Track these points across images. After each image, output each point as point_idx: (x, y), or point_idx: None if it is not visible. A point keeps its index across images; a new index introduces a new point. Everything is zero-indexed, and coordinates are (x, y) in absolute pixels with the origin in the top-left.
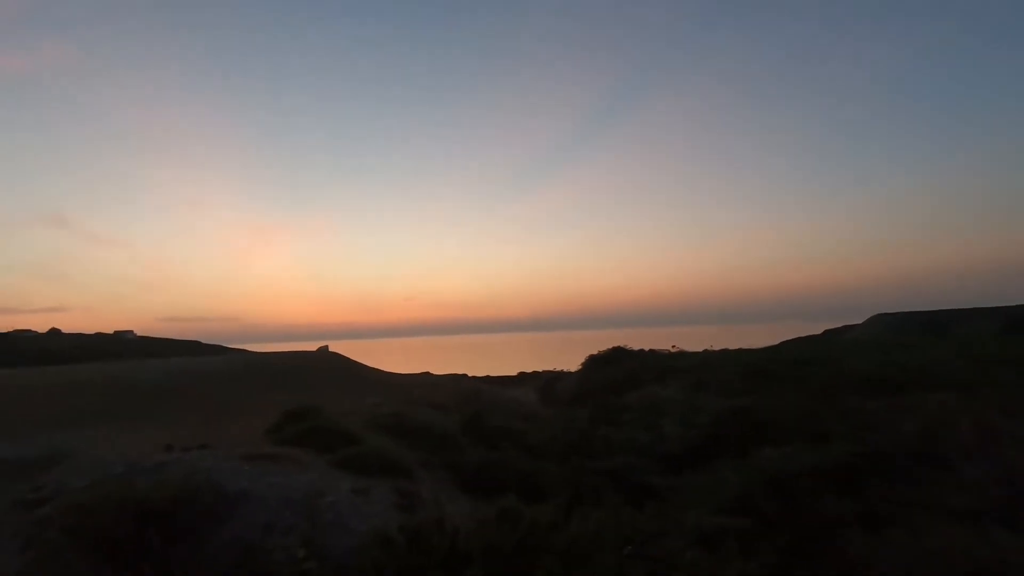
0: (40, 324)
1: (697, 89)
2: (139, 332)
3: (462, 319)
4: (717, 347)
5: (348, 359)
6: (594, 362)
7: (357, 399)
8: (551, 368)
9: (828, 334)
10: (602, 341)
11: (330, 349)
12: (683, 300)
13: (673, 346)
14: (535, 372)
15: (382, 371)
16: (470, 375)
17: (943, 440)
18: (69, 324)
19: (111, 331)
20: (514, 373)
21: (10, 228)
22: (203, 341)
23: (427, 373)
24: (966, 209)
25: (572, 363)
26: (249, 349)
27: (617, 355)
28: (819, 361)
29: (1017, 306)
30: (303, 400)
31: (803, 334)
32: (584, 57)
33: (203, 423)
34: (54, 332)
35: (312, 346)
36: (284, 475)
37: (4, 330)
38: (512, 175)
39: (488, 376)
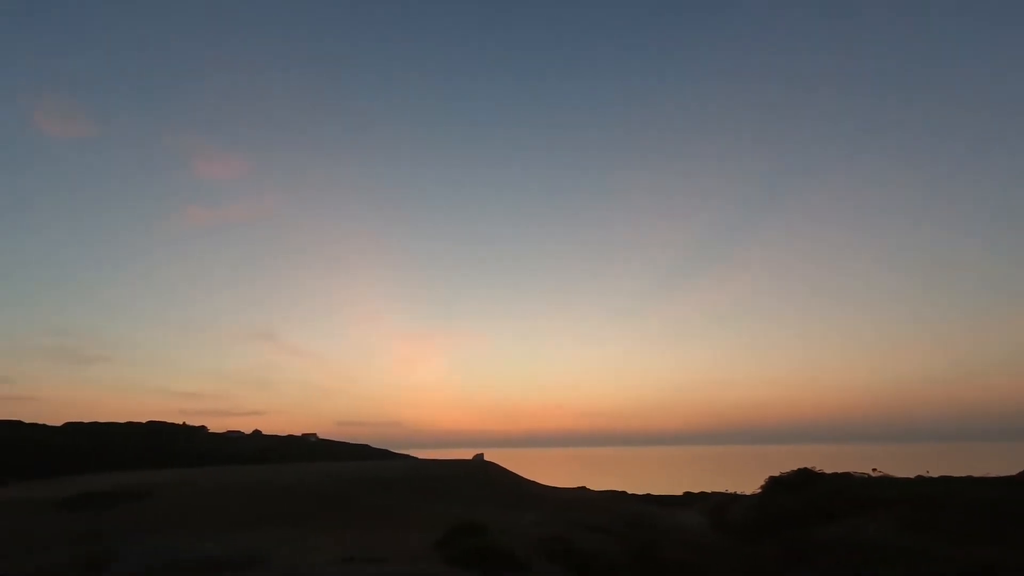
0: (246, 425)
1: (871, 168)
2: (321, 435)
3: (615, 429)
4: (935, 472)
5: (503, 469)
6: (776, 486)
7: (516, 514)
8: (720, 489)
9: None
10: (786, 458)
11: (485, 457)
12: (882, 412)
13: (874, 469)
14: (703, 493)
15: (538, 484)
16: (629, 492)
17: None
18: (269, 425)
19: (299, 433)
20: (679, 492)
21: (229, 342)
22: (371, 445)
23: (583, 488)
24: None
25: (748, 484)
26: (411, 454)
27: (804, 478)
28: None
29: None
30: (464, 513)
31: None
32: (738, 140)
33: (372, 530)
34: (256, 433)
35: (467, 453)
36: None
37: (218, 431)
38: (662, 275)
39: (649, 495)
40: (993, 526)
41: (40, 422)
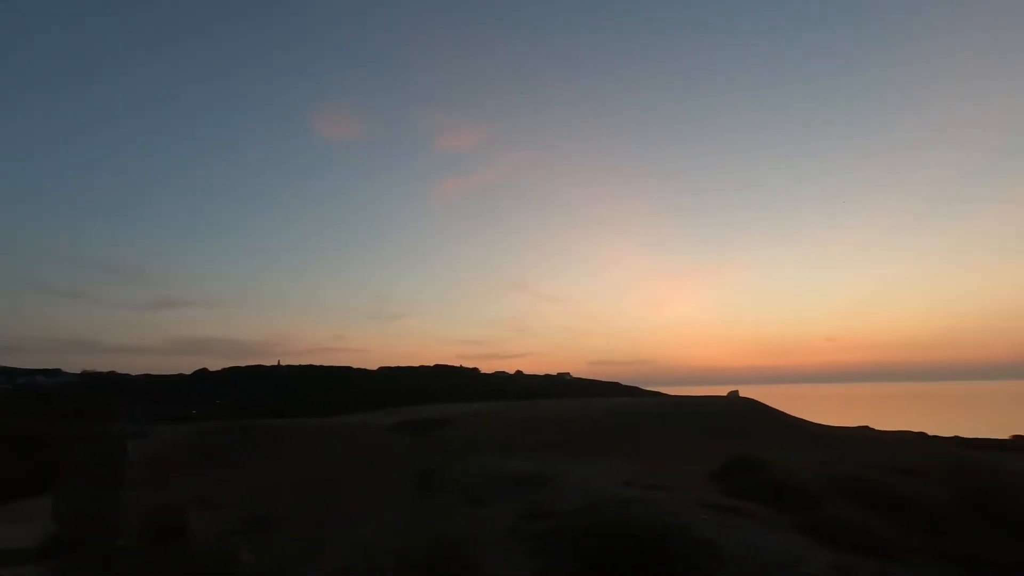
0: (511, 367)
1: None
2: (574, 374)
3: (900, 363)
4: None
5: (766, 406)
6: None
7: (793, 453)
8: None
9: None
10: None
11: (740, 394)
12: None
13: None
14: None
15: (808, 421)
16: (929, 434)
17: None
18: (529, 367)
19: (555, 372)
20: (1004, 436)
21: (492, 293)
22: (622, 383)
23: (866, 427)
24: None
25: None
26: (662, 391)
27: None
28: None
29: None
30: (733, 447)
31: None
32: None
33: (645, 461)
34: (519, 373)
35: (721, 390)
36: (751, 531)
37: (488, 371)
38: (963, 183)
39: (958, 437)
40: None
41: (362, 367)
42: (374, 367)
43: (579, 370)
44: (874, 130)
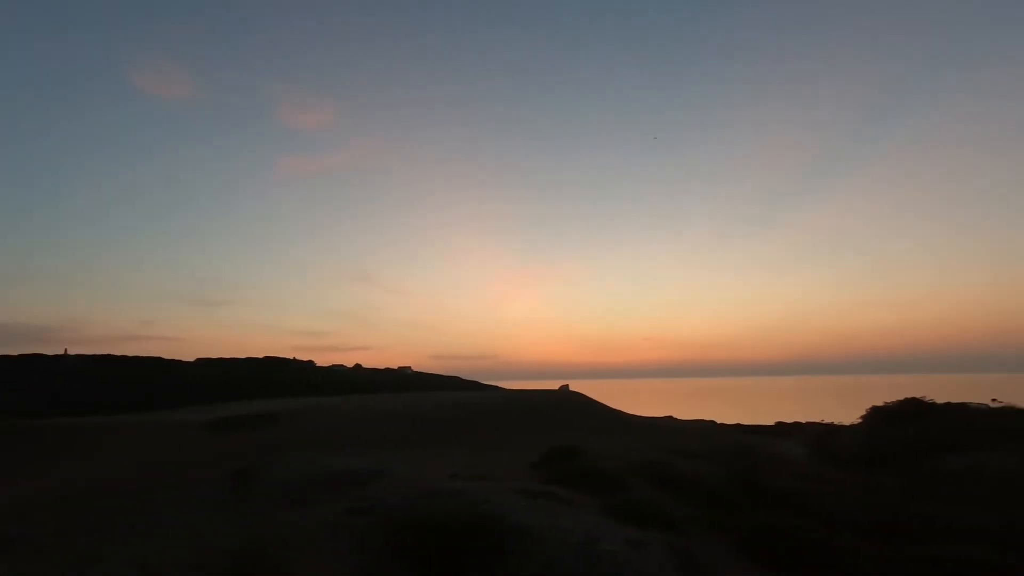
0: (350, 360)
1: (986, 89)
2: (417, 368)
3: (704, 360)
4: None
5: (590, 399)
6: (881, 415)
7: (607, 440)
8: (818, 419)
9: None
10: (884, 388)
11: (570, 388)
12: (998, 341)
13: (993, 400)
14: (796, 423)
15: (624, 412)
16: (718, 422)
17: None
18: (369, 360)
19: (396, 367)
20: (770, 422)
21: (332, 284)
22: (462, 377)
23: (671, 417)
24: None
25: (844, 414)
26: (501, 385)
27: (912, 408)
28: None
29: None
30: (557, 438)
31: None
32: (837, 66)
33: (474, 453)
34: (358, 367)
35: (554, 384)
36: (560, 515)
37: (325, 364)
38: (759, 205)
39: (739, 424)
40: None
41: (176, 358)
42: (191, 358)
43: (421, 364)
44: (689, 155)
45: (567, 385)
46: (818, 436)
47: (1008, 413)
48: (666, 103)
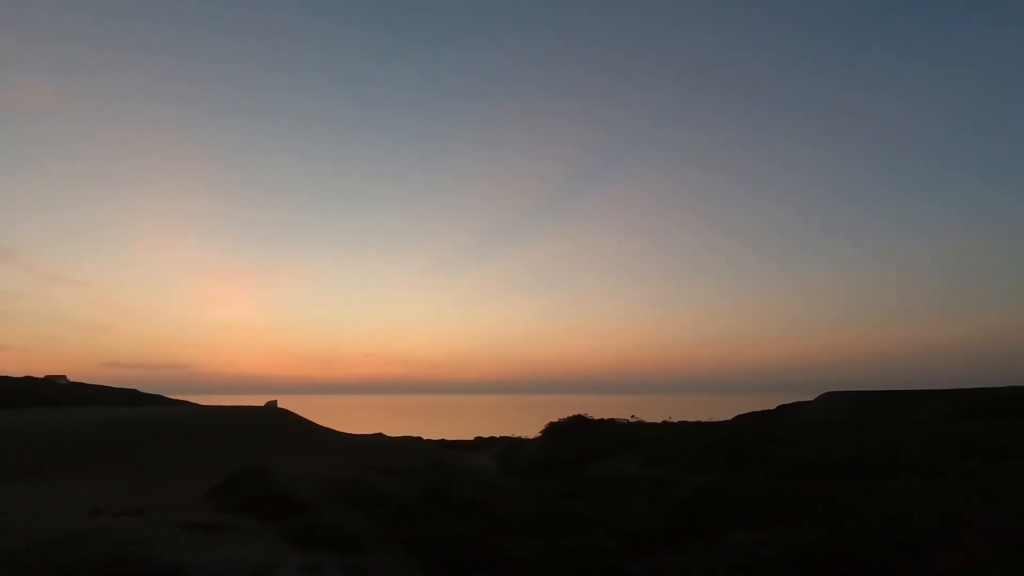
0: None
1: (667, 164)
2: (75, 377)
3: (420, 378)
4: (676, 418)
5: (297, 416)
6: (555, 430)
7: (308, 461)
8: (510, 434)
9: (782, 409)
10: (563, 406)
11: (280, 404)
12: (643, 368)
13: (632, 416)
14: (492, 438)
15: (333, 431)
16: (425, 438)
17: (912, 528)
18: (6, 365)
19: (43, 375)
20: (471, 437)
21: None
22: (141, 390)
23: (380, 434)
24: (913, 291)
25: (532, 429)
26: (193, 401)
27: (578, 424)
28: (783, 440)
29: (968, 389)
30: (249, 460)
31: (758, 407)
32: (558, 126)
33: (139, 481)
34: None
35: (260, 400)
36: (227, 548)
37: None
38: (480, 240)
39: (443, 440)
40: (713, 459)
41: None
42: None
43: (85, 372)
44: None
45: (275, 401)
46: (507, 449)
47: (639, 427)
48: (419, 118)
